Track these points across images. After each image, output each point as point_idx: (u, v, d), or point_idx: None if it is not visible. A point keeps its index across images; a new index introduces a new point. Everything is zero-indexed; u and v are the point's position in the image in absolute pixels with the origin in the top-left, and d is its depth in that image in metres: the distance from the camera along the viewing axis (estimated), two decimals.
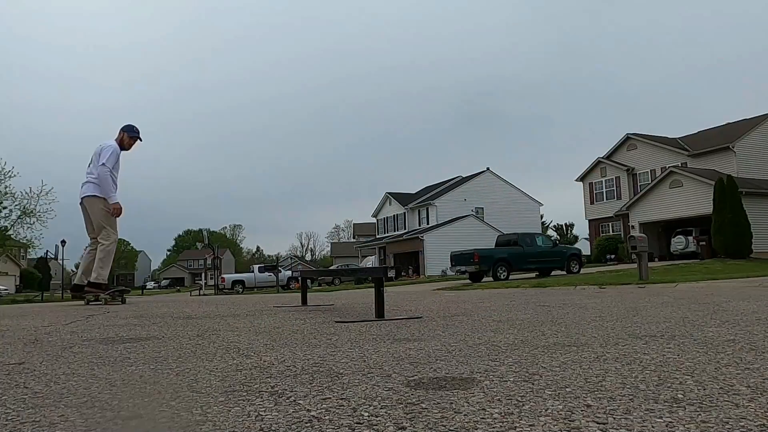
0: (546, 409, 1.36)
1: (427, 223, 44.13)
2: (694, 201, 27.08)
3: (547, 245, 21.68)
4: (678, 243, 27.84)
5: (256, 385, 1.75)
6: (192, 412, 1.44)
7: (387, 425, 1.27)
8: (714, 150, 29.81)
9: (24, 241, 33.05)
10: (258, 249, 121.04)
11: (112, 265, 7.07)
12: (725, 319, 3.38)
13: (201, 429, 1.28)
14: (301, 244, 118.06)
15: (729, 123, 33.18)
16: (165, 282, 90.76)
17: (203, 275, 51.40)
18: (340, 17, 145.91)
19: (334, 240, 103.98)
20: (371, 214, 53.70)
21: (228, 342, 2.90)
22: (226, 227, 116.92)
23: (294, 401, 1.53)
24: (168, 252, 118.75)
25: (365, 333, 3.15)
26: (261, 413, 1.41)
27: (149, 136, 7.37)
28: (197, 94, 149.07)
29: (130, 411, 1.49)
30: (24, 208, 30.57)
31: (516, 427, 1.23)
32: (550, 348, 2.38)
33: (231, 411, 1.44)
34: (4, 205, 30.78)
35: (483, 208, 44.09)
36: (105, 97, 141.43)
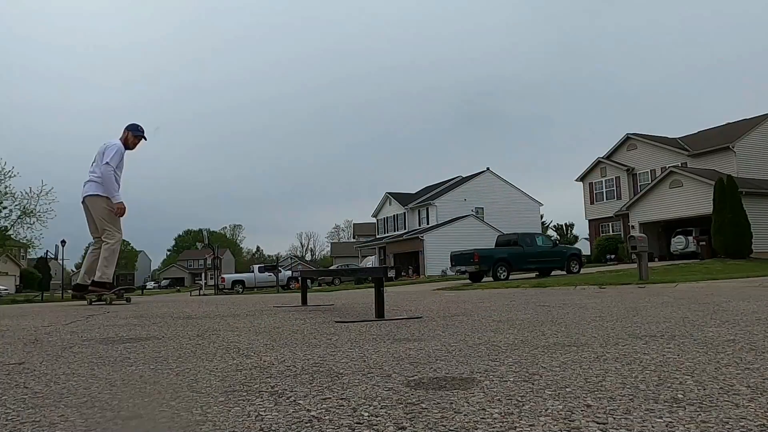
0: (546, 409, 1.36)
1: (427, 223, 44.14)
2: (694, 201, 27.09)
3: (547, 245, 21.69)
4: (678, 243, 27.85)
5: (256, 385, 1.75)
6: (192, 412, 1.44)
7: (387, 425, 1.27)
8: (714, 150, 29.82)
9: (24, 241, 33.06)
10: (258, 249, 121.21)
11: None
12: (725, 319, 3.38)
13: (201, 429, 1.29)
14: (301, 244, 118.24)
15: (729, 123, 33.20)
16: (165, 282, 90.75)
17: (203, 275, 51.39)
18: (340, 17, 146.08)
19: (334, 240, 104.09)
20: (371, 214, 53.73)
21: (228, 342, 2.90)
22: (226, 227, 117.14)
23: (294, 401, 1.53)
24: (168, 252, 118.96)
25: (365, 333, 3.15)
26: (261, 413, 1.41)
27: (150, 135, 7.36)
28: (197, 94, 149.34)
29: (130, 411, 1.49)
30: (24, 208, 30.63)
31: (516, 427, 1.23)
32: (550, 348, 2.38)
33: (231, 411, 1.44)
34: (4, 205, 30.83)
35: (483, 208, 44.11)
36: (105, 97, 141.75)
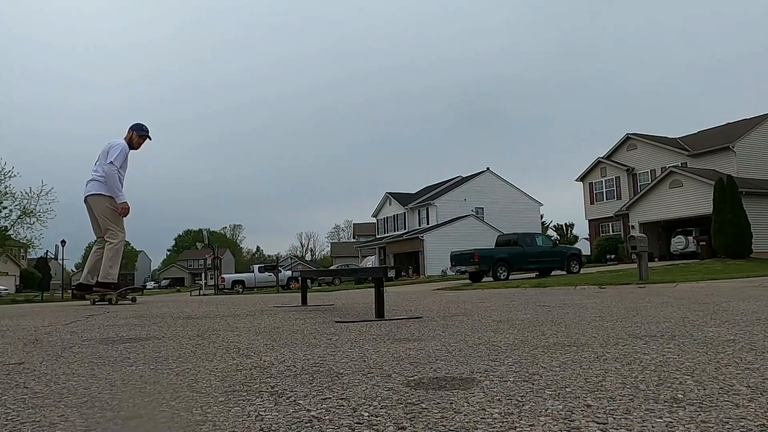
0: (546, 409, 1.36)
1: (427, 223, 44.14)
2: (694, 201, 27.09)
3: (547, 245, 21.70)
4: (678, 243, 27.85)
5: (256, 385, 1.75)
6: (192, 412, 1.44)
7: (387, 425, 1.27)
8: (714, 150, 29.82)
9: (24, 241, 33.06)
10: (258, 249, 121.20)
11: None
12: (725, 319, 3.38)
13: (201, 429, 1.28)
14: (301, 244, 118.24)
15: (729, 123, 33.20)
16: (165, 282, 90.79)
17: (203, 275, 51.38)
18: (340, 17, 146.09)
19: (334, 240, 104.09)
20: (371, 214, 53.73)
21: (228, 342, 2.90)
22: (226, 227, 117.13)
23: (294, 401, 1.53)
24: (168, 252, 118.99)
25: (365, 333, 3.15)
26: (261, 413, 1.41)
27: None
28: (197, 94, 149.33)
29: (130, 411, 1.49)
30: (24, 208, 30.63)
31: (516, 427, 1.23)
32: (550, 348, 2.38)
33: (231, 411, 1.44)
34: (4, 205, 30.84)
35: (483, 208, 44.11)
36: (105, 97, 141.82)
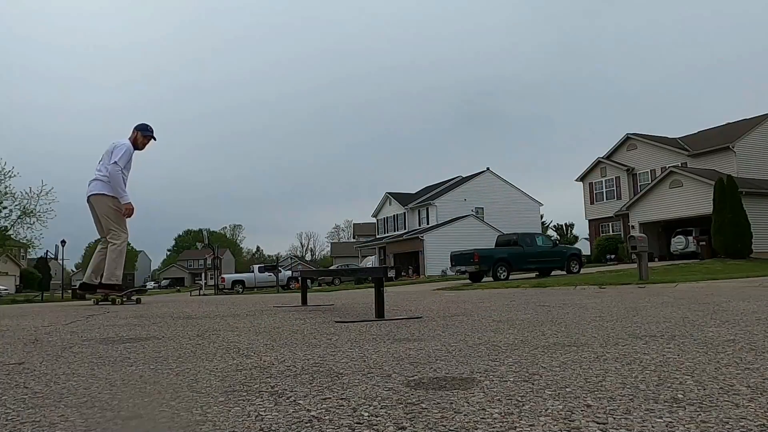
0: (546, 409, 1.36)
1: (427, 223, 44.14)
2: (694, 201, 27.09)
3: (547, 245, 21.70)
4: (678, 243, 27.85)
5: (256, 385, 1.75)
6: (192, 412, 1.44)
7: (387, 425, 1.27)
8: (714, 150, 29.82)
9: (24, 241, 33.07)
10: (258, 249, 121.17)
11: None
12: (725, 319, 3.38)
13: (201, 429, 1.28)
14: (301, 244, 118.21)
15: (729, 123, 33.20)
16: (165, 282, 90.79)
17: (203, 275, 51.37)
18: (340, 17, 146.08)
19: (334, 240, 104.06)
20: (371, 214, 53.72)
21: (228, 342, 2.90)
22: (226, 227, 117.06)
23: (294, 401, 1.53)
24: (168, 252, 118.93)
25: (365, 333, 3.15)
26: (261, 413, 1.41)
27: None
28: (197, 94, 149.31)
29: (130, 411, 1.49)
30: (24, 208, 30.64)
31: (516, 427, 1.23)
32: (550, 348, 2.38)
33: (231, 411, 1.44)
34: (4, 205, 30.84)
35: (483, 208, 44.10)
36: (105, 97, 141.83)
